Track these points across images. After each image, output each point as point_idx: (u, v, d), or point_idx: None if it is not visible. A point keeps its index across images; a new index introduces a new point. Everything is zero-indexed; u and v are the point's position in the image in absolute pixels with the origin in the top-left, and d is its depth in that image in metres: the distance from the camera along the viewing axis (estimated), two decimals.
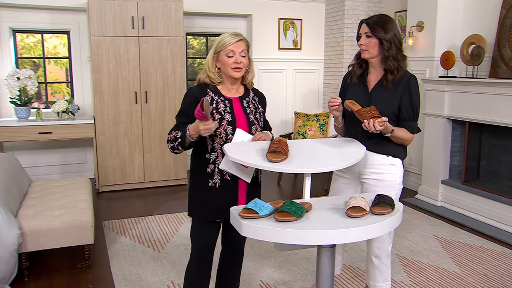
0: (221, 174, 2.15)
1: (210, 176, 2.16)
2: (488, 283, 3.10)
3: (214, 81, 2.17)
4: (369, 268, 2.62)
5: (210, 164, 2.15)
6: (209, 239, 2.26)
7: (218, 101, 2.15)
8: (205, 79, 2.19)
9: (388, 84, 2.36)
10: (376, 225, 1.71)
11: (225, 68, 2.14)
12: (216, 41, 2.16)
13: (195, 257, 2.28)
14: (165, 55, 5.25)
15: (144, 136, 5.27)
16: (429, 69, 4.92)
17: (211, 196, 2.16)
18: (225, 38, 2.12)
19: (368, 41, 2.35)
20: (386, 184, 2.41)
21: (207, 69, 2.17)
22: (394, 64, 2.34)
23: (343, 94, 2.56)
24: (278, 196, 5.11)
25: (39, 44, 5.60)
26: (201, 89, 2.17)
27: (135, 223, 4.21)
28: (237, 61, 2.11)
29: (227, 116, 2.13)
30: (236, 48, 2.11)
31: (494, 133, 4.41)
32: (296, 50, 6.46)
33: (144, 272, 3.22)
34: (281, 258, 3.44)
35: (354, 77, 2.50)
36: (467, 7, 4.72)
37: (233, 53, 2.10)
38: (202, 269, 2.30)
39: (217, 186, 2.16)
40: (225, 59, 2.12)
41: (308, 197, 2.09)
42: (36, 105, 5.06)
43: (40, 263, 3.35)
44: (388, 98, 2.37)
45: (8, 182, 3.29)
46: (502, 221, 4.05)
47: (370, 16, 2.41)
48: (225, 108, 2.14)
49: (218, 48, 2.13)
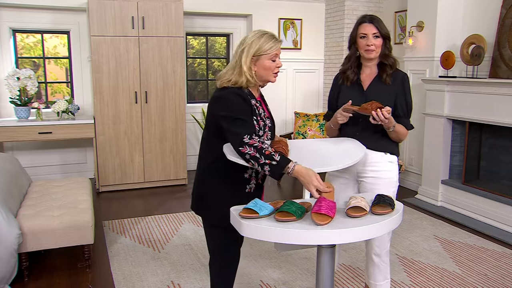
0: (256, 178, 2.10)
1: (248, 182, 2.08)
2: (489, 283, 3.09)
3: (250, 84, 2.04)
4: (369, 267, 2.62)
5: (249, 169, 2.06)
6: (234, 247, 2.19)
7: (257, 105, 2.06)
8: (242, 83, 2.02)
9: (388, 79, 2.39)
10: (376, 225, 1.71)
11: (265, 72, 2.03)
12: (252, 42, 2.01)
13: (221, 267, 2.21)
14: (165, 55, 5.25)
15: (144, 136, 5.27)
16: (429, 69, 4.92)
17: (245, 202, 1.92)
18: (269, 42, 2.00)
19: (377, 42, 2.36)
20: (384, 182, 2.41)
21: (246, 72, 2.00)
22: (392, 58, 2.41)
23: (335, 96, 2.55)
24: (278, 196, 5.11)
25: (39, 44, 5.60)
26: (244, 92, 2.01)
27: (135, 223, 4.21)
28: (279, 65, 2.05)
29: (267, 121, 2.08)
30: (279, 52, 2.05)
31: (494, 133, 4.41)
32: (296, 50, 6.46)
33: (144, 272, 3.22)
34: (281, 258, 3.44)
35: (347, 81, 2.49)
36: (467, 7, 4.72)
37: (276, 57, 2.04)
38: (230, 280, 2.25)
39: (252, 191, 2.10)
40: (268, 64, 2.02)
41: (308, 197, 2.09)
42: (36, 105, 5.06)
43: (40, 263, 3.35)
44: (384, 94, 2.39)
45: (8, 182, 3.29)
46: (502, 221, 4.05)
47: (363, 16, 2.41)
48: (264, 113, 2.07)
49: (261, 52, 2.00)
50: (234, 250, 2.21)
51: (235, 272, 2.28)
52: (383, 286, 2.61)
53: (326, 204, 1.73)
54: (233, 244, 2.18)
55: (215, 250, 2.21)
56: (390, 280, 2.65)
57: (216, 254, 2.22)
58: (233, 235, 2.07)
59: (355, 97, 2.40)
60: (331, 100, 2.60)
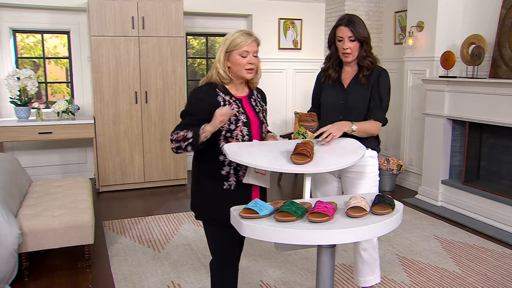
0: (237, 176, 2.10)
1: (225, 178, 2.09)
2: (489, 283, 3.09)
3: (224, 80, 2.10)
4: (357, 263, 2.63)
5: (225, 166, 2.08)
6: (231, 245, 2.17)
7: (230, 101, 2.09)
8: (214, 78, 2.11)
9: (363, 79, 2.44)
10: (376, 225, 1.71)
11: (237, 68, 2.07)
12: (227, 39, 2.08)
13: (220, 266, 2.20)
14: (165, 55, 5.25)
15: (144, 136, 5.27)
16: (429, 69, 4.92)
17: (227, 199, 2.05)
18: (239, 38, 2.05)
19: (352, 45, 2.40)
20: (366, 176, 2.47)
21: (218, 67, 2.08)
22: (370, 60, 2.44)
23: (318, 93, 2.65)
24: (278, 196, 5.11)
25: (39, 44, 5.60)
26: (210, 89, 2.10)
27: (135, 223, 4.21)
28: (250, 61, 2.06)
29: (241, 116, 2.09)
30: (250, 48, 2.06)
31: (494, 133, 4.41)
32: (296, 50, 6.46)
33: (144, 272, 3.22)
34: (281, 258, 3.44)
35: (329, 79, 2.55)
36: (467, 7, 4.72)
37: (247, 54, 2.05)
38: (231, 279, 2.24)
39: (233, 188, 2.10)
40: (238, 60, 2.06)
41: (308, 197, 2.08)
42: (36, 105, 5.06)
43: (40, 263, 3.35)
44: (362, 92, 2.45)
45: (8, 182, 3.29)
46: (502, 221, 4.05)
47: (341, 18, 2.44)
48: (238, 109, 2.09)
49: (231, 47, 2.05)
50: (229, 247, 2.18)
51: (234, 272, 2.26)
52: (372, 280, 2.61)
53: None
54: (228, 241, 2.16)
55: (210, 247, 2.24)
56: (380, 275, 2.66)
57: (212, 251, 2.23)
58: (226, 232, 2.08)
59: (336, 95, 2.50)
60: (314, 97, 2.70)
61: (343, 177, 2.55)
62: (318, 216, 1.71)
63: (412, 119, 5.26)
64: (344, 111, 2.45)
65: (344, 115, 2.42)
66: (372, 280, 2.61)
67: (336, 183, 2.62)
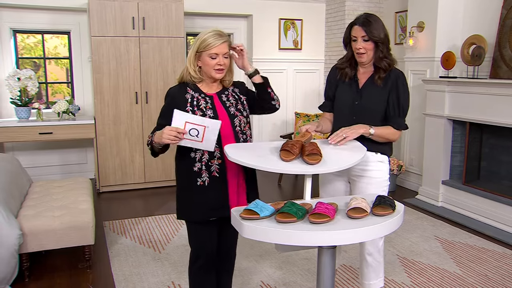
0: (209, 172, 2.12)
1: (198, 175, 2.12)
2: (489, 284, 3.10)
3: (195, 79, 2.15)
4: (363, 267, 2.62)
5: (197, 163, 2.11)
6: (210, 241, 2.20)
7: (198, 98, 2.14)
8: (186, 78, 2.16)
9: (379, 81, 2.38)
10: (377, 226, 1.71)
11: (207, 68, 2.11)
12: (198, 40, 2.10)
13: (197, 262, 2.22)
14: (165, 55, 5.25)
15: (144, 136, 5.27)
16: (429, 69, 4.92)
17: (202, 195, 2.11)
18: (209, 39, 2.06)
19: (366, 45, 2.33)
20: (374, 181, 2.42)
21: (188, 67, 2.14)
22: (387, 62, 2.36)
23: (332, 91, 2.56)
24: (278, 197, 5.11)
25: (39, 44, 5.60)
26: (180, 88, 2.15)
27: (136, 223, 4.21)
28: (220, 63, 2.09)
29: (208, 112, 2.11)
30: (220, 50, 2.07)
31: (495, 133, 4.41)
32: (297, 51, 6.46)
33: (144, 272, 3.22)
34: (281, 259, 3.44)
35: (345, 77, 2.49)
36: (467, 8, 4.72)
37: (217, 55, 2.08)
38: (206, 275, 2.24)
39: (207, 184, 2.12)
40: (208, 61, 2.08)
41: (309, 198, 2.08)
42: (36, 106, 5.06)
43: (41, 263, 3.35)
44: (377, 95, 2.39)
45: (8, 182, 3.29)
46: (502, 222, 4.05)
47: (357, 17, 2.37)
48: (206, 104, 2.13)
49: (201, 48, 2.08)
50: (203, 247, 2.19)
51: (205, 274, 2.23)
52: (376, 284, 2.60)
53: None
54: (201, 240, 2.19)
55: (190, 245, 2.26)
56: (383, 278, 2.65)
57: (191, 249, 2.26)
58: (203, 229, 2.15)
59: (350, 94, 2.44)
60: (328, 91, 2.60)
61: (352, 181, 2.51)
62: (319, 217, 1.71)
63: (412, 119, 5.26)
64: (358, 112, 2.40)
65: (357, 116, 2.38)
66: (376, 284, 2.60)
67: (344, 187, 2.57)
